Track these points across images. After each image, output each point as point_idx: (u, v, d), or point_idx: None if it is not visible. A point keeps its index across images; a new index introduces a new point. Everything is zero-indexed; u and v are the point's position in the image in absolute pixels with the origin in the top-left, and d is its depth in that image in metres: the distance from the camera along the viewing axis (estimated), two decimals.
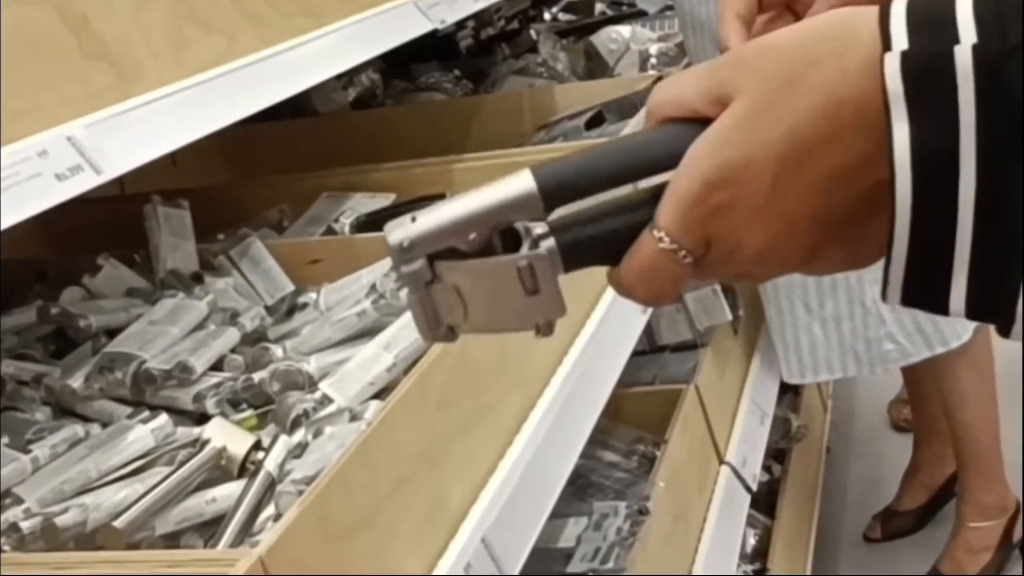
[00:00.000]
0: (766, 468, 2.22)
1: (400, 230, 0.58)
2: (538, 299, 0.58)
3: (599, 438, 1.74)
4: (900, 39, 0.51)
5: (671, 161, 0.56)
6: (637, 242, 0.57)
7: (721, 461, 1.83)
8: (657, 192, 0.57)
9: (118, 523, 0.88)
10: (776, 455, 2.31)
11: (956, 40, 0.50)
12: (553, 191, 0.58)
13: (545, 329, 0.60)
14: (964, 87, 0.49)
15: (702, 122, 0.55)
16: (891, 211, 0.51)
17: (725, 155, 0.54)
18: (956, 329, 2.02)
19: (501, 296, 0.58)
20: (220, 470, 0.98)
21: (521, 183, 0.58)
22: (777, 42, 0.54)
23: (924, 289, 0.53)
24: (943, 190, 0.50)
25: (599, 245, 0.59)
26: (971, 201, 0.50)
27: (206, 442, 0.98)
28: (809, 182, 0.53)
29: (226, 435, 1.00)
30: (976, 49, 0.49)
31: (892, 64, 0.50)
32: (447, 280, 0.58)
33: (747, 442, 1.91)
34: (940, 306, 0.53)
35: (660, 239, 0.55)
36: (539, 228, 0.58)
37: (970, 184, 0.50)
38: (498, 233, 0.58)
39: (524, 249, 0.57)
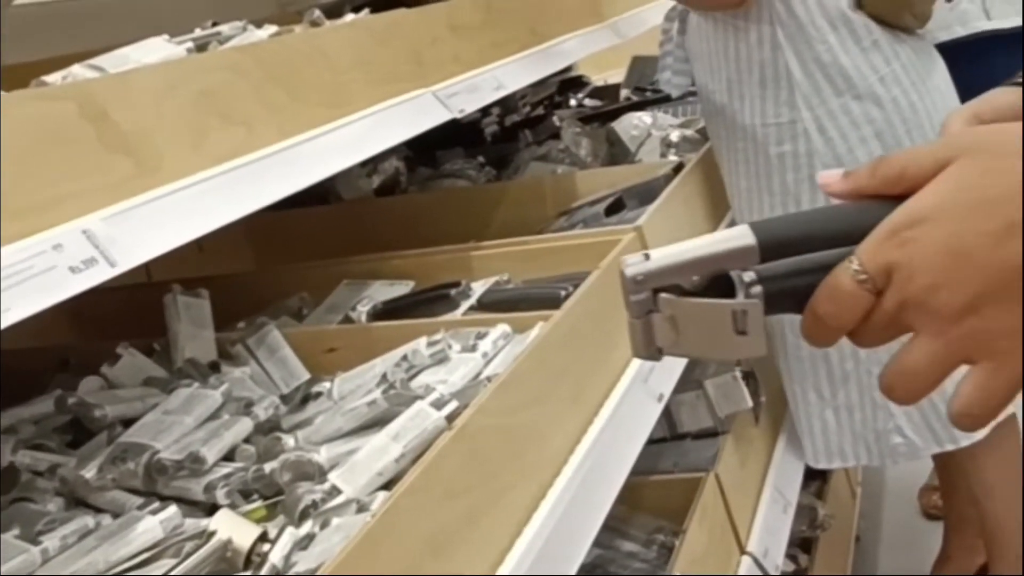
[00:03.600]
0: (792, 558, 2.18)
1: (636, 265, 0.68)
2: (744, 338, 0.67)
3: (617, 527, 1.73)
4: None
5: None
6: (833, 271, 0.63)
7: (742, 551, 1.80)
8: None
9: None
10: (803, 544, 2.28)
11: None
12: (771, 247, 0.67)
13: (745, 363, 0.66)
14: None
15: None
16: None
17: (926, 198, 0.61)
18: None
19: (712, 331, 0.67)
20: (226, 562, 0.98)
21: (744, 237, 0.67)
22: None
23: None
24: None
25: (799, 297, 0.67)
26: None
27: (212, 534, 0.98)
28: (983, 229, 0.60)
29: (233, 527, 1.00)
30: None
31: None
32: (666, 311, 0.67)
33: (769, 531, 1.89)
34: None
35: (851, 263, 0.62)
36: (749, 276, 0.66)
37: None
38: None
39: (740, 296, 0.66)
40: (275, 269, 1.88)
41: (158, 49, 1.32)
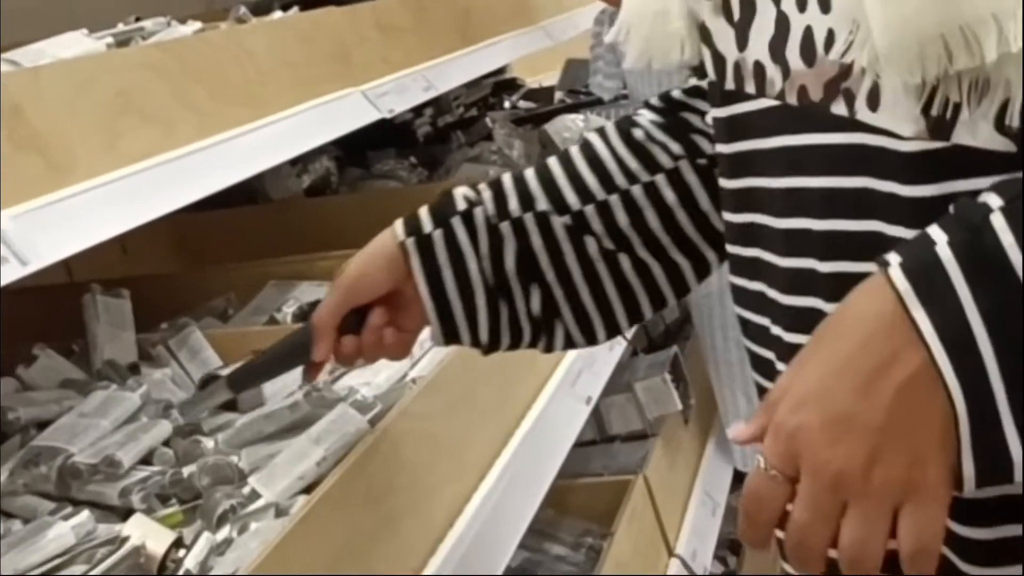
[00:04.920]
0: (721, 559, 2.20)
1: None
2: None
3: (546, 531, 1.72)
4: (892, 257, 0.66)
5: None
6: (749, 476, 0.69)
7: (671, 553, 1.81)
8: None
9: None
10: (731, 546, 2.29)
11: (934, 243, 0.65)
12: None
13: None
14: (952, 270, 0.64)
15: None
16: (943, 385, 0.64)
17: (795, 386, 0.68)
18: None
19: None
20: (139, 568, 0.96)
21: None
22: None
23: (989, 450, 0.65)
24: (972, 354, 0.64)
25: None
26: (993, 358, 0.64)
27: (125, 539, 0.96)
28: (850, 388, 0.65)
29: (147, 532, 0.98)
30: (950, 243, 0.65)
31: (895, 271, 0.65)
32: None
33: (698, 533, 1.90)
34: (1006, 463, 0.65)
35: (759, 464, 0.68)
36: None
37: (987, 345, 0.64)
38: None
39: None
40: (200, 270, 1.85)
41: (76, 44, 1.29)
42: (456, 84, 1.97)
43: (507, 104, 2.94)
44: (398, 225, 1.02)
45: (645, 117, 1.05)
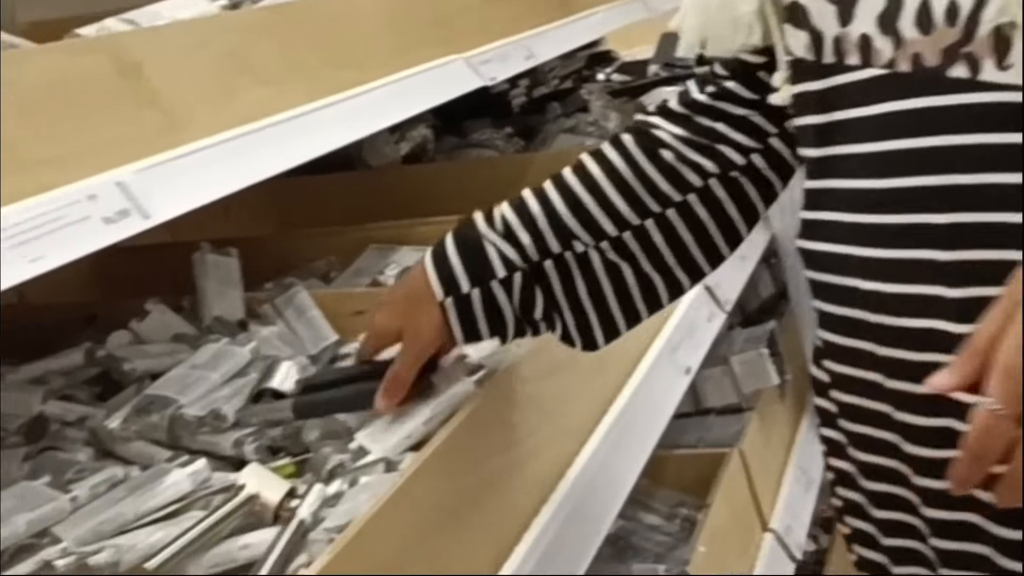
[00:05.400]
0: (813, 537, 2.17)
1: None
2: None
3: (640, 500, 1.72)
4: None
5: None
6: (974, 414, 0.71)
7: (765, 528, 1.80)
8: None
9: (149, 564, 0.88)
10: (824, 524, 2.27)
11: None
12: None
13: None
14: None
15: None
16: None
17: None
18: None
19: None
20: (254, 516, 0.98)
21: None
22: None
23: None
24: None
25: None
26: None
27: (241, 488, 0.98)
28: None
29: (261, 482, 1.00)
30: None
31: None
32: None
33: (792, 510, 1.88)
34: None
35: (989, 404, 0.69)
36: None
37: None
38: None
39: None
40: (301, 232, 1.87)
41: (190, 5, 1.31)
42: (557, 54, 1.97)
43: (601, 76, 2.92)
44: (432, 276, 1.06)
45: (667, 131, 1.05)
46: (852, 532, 1.02)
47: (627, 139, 1.06)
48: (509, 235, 1.05)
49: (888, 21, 0.82)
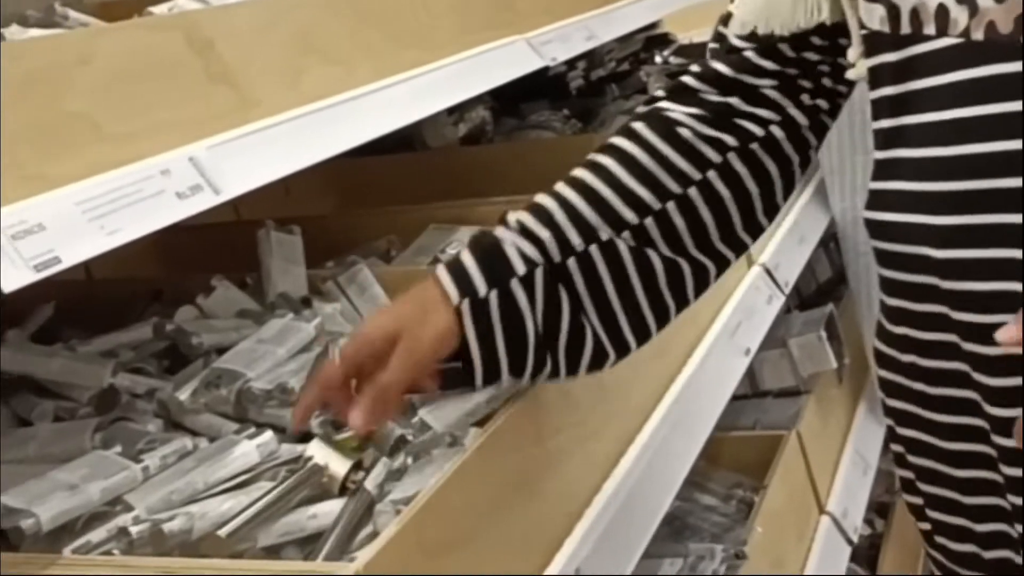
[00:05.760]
0: (868, 522, 2.17)
1: None
2: None
3: (697, 481, 1.73)
4: None
5: None
6: None
7: (821, 511, 1.80)
8: None
9: (222, 532, 0.90)
10: (879, 509, 2.26)
11: None
12: None
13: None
14: None
15: None
16: None
17: None
18: None
19: None
20: (321, 487, 0.99)
21: None
22: None
23: None
24: None
25: None
26: None
27: (308, 459, 1.00)
28: None
29: (327, 454, 1.01)
30: None
31: None
32: None
33: (849, 493, 1.88)
34: None
35: None
36: None
37: None
38: None
39: None
40: (362, 212, 1.89)
41: None
42: (618, 35, 1.97)
43: (658, 59, 2.91)
44: (446, 280, 0.98)
45: (680, 111, 1.03)
46: (927, 498, 1.01)
47: (638, 126, 1.03)
48: (527, 233, 0.99)
49: None
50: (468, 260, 0.99)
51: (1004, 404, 0.88)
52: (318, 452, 1.01)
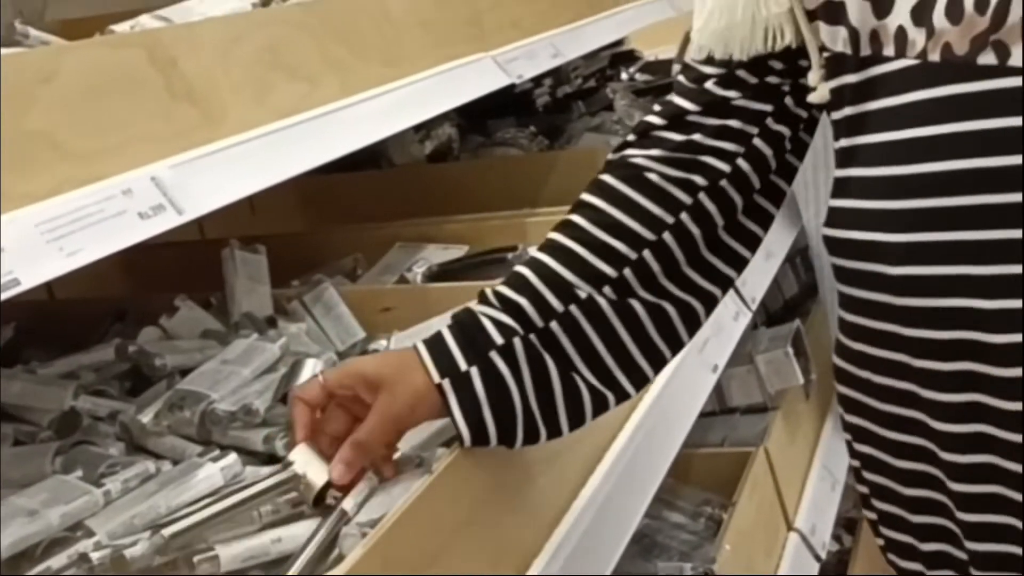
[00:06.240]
0: (836, 538, 2.17)
1: None
2: None
3: (665, 498, 1.72)
4: None
5: None
6: None
7: (790, 527, 1.80)
8: None
9: (166, 532, 0.88)
10: (847, 525, 2.26)
11: None
12: None
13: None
14: None
15: None
16: None
17: None
18: None
19: None
20: (297, 495, 0.97)
21: None
22: None
23: None
24: None
25: None
26: None
27: (289, 464, 0.97)
28: None
29: (309, 462, 0.98)
30: None
31: None
32: None
33: (817, 509, 1.88)
34: None
35: None
36: None
37: None
38: None
39: None
40: (328, 229, 1.88)
41: (222, 3, 1.32)
42: (583, 52, 1.97)
43: (624, 76, 2.92)
44: (427, 359, 0.97)
45: (645, 155, 1.03)
46: (880, 515, 1.02)
47: (606, 178, 1.03)
48: (505, 302, 0.99)
49: (922, 14, 0.84)
50: (447, 337, 0.99)
51: (949, 420, 0.89)
52: (300, 458, 0.98)
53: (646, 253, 1.00)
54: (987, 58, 0.81)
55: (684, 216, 1.01)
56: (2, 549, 0.89)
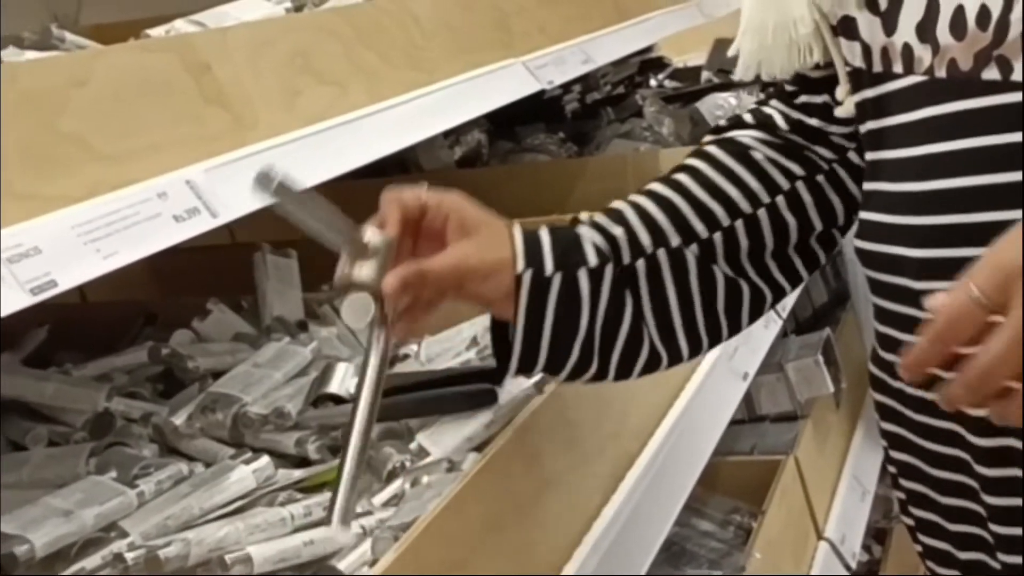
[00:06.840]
0: (866, 548, 2.15)
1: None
2: None
3: (695, 507, 1.71)
4: None
5: None
6: (948, 297, 0.71)
7: (819, 536, 1.78)
8: None
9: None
10: (877, 535, 2.25)
11: None
12: None
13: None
14: None
15: None
16: None
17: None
18: None
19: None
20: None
21: None
22: None
23: None
24: None
25: None
26: None
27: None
28: None
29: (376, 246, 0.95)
30: None
31: None
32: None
33: (847, 518, 1.87)
34: None
35: (971, 290, 0.70)
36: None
37: None
38: None
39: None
40: None
41: (256, 8, 1.33)
42: (613, 58, 1.97)
43: (653, 83, 2.91)
44: (519, 246, 0.93)
45: (752, 137, 1.05)
46: (917, 522, 1.02)
47: (712, 149, 1.05)
48: (600, 229, 0.99)
49: (926, 29, 0.85)
50: (544, 236, 0.96)
51: (985, 434, 0.88)
52: (372, 237, 0.95)
53: (739, 224, 1.01)
54: (991, 73, 0.81)
55: (780, 200, 1.02)
56: (37, 549, 0.89)
